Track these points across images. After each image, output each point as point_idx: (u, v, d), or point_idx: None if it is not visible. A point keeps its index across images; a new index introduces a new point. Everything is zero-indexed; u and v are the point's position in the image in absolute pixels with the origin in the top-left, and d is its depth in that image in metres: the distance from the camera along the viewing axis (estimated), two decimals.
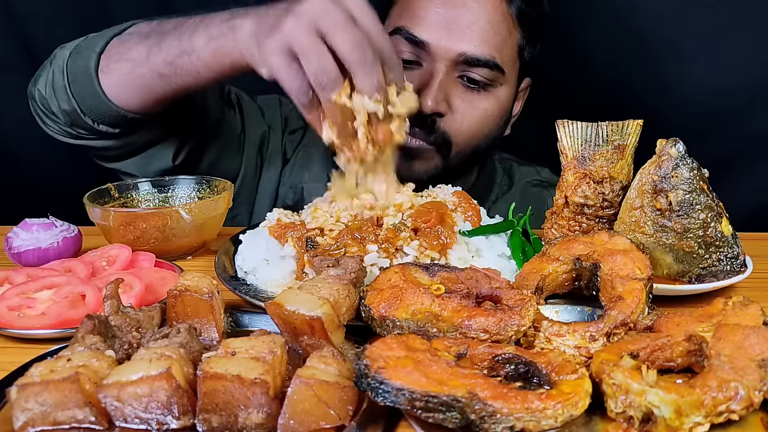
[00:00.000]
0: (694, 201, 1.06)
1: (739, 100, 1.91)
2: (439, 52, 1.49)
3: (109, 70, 1.38)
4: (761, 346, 0.79)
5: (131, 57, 1.35)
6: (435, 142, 1.55)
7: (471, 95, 1.55)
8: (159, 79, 1.34)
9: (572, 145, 1.16)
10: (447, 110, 1.53)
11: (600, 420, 0.77)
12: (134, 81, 1.36)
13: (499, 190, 1.86)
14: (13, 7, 1.98)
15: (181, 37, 1.30)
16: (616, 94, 1.90)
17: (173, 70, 1.31)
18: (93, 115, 1.41)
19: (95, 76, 1.37)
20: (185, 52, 1.29)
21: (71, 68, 1.41)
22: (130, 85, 1.37)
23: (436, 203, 1.18)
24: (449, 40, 1.49)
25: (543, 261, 1.05)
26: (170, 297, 0.95)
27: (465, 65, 1.51)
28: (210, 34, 1.26)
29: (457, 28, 1.49)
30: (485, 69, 1.52)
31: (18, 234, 1.24)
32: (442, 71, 1.50)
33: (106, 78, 1.38)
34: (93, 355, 0.81)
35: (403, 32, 1.51)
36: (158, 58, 1.32)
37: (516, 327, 0.88)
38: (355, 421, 0.76)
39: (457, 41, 1.49)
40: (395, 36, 1.52)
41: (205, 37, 1.26)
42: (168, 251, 1.28)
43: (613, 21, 1.92)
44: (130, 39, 1.39)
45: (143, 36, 1.37)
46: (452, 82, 1.53)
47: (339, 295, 0.90)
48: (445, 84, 1.52)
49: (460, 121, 1.55)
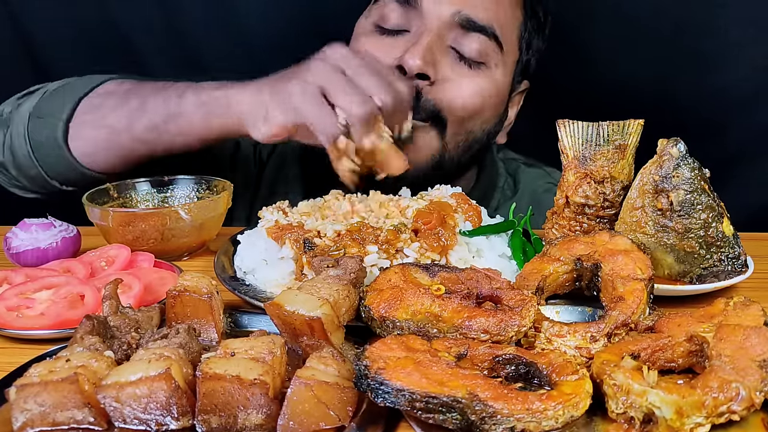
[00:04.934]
0: (695, 201, 1.06)
1: (741, 100, 1.91)
2: (432, 12, 1.37)
3: (82, 137, 1.32)
4: (762, 347, 0.78)
5: (109, 124, 1.30)
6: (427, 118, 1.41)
7: (461, 68, 1.41)
8: (140, 145, 1.29)
9: (573, 144, 1.16)
10: (435, 76, 1.38)
11: (601, 421, 0.77)
12: (112, 147, 1.31)
13: (502, 196, 1.71)
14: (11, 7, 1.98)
15: (167, 101, 1.26)
16: (617, 94, 1.89)
17: (158, 135, 1.27)
18: (61, 179, 1.36)
19: (65, 145, 1.31)
20: (172, 116, 1.25)
21: (34, 135, 1.34)
22: (107, 152, 1.32)
23: (439, 204, 1.18)
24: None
25: (544, 261, 1.05)
26: (169, 297, 0.94)
27: (459, 30, 1.38)
28: (200, 99, 1.23)
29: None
30: (482, 37, 1.39)
31: (17, 234, 1.24)
32: (433, 31, 1.37)
33: (80, 147, 1.32)
34: (92, 356, 0.80)
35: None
36: (141, 123, 1.27)
37: (516, 327, 0.88)
38: (354, 422, 0.76)
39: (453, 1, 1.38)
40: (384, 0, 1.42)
41: (195, 102, 1.24)
42: (167, 251, 1.28)
43: (614, 20, 1.92)
44: (105, 103, 1.32)
45: (120, 99, 1.31)
46: (443, 49, 1.39)
47: (339, 296, 0.90)
48: (435, 47, 1.37)
49: (450, 90, 1.40)
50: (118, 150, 1.32)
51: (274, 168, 1.73)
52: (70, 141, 1.33)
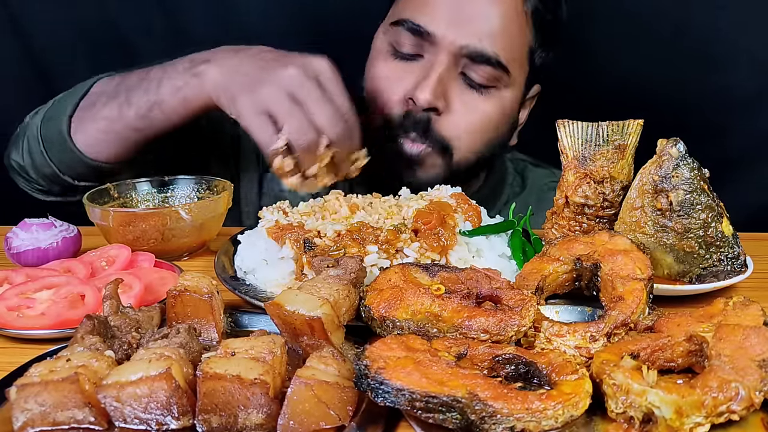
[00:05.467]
0: (694, 201, 1.06)
1: (741, 101, 1.91)
2: (443, 43, 1.43)
3: (84, 130, 1.43)
4: (762, 347, 0.79)
5: (104, 116, 1.41)
6: (433, 146, 1.48)
7: (470, 95, 1.48)
8: (134, 132, 1.40)
9: (573, 144, 1.16)
10: (444, 108, 1.46)
11: (600, 420, 0.77)
12: (111, 137, 1.42)
13: (511, 191, 1.77)
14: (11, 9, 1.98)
15: (148, 92, 1.36)
16: (617, 93, 1.89)
17: (147, 123, 1.38)
18: (73, 174, 1.47)
19: (69, 138, 1.43)
20: (155, 104, 1.35)
21: (45, 134, 1.46)
22: (107, 142, 1.43)
23: (439, 204, 1.18)
24: (455, 31, 1.43)
25: (543, 261, 1.05)
26: (170, 297, 0.94)
27: (467, 60, 1.44)
28: (175, 85, 1.33)
29: (464, 19, 1.43)
30: (488, 67, 1.45)
31: (17, 234, 1.24)
32: (444, 64, 1.44)
33: (83, 138, 1.43)
34: (92, 356, 0.81)
35: (407, 23, 1.46)
36: (130, 113, 1.38)
37: (516, 327, 0.88)
38: (354, 422, 0.76)
39: (462, 33, 1.43)
40: (398, 27, 1.48)
41: (171, 88, 1.34)
42: (167, 251, 1.28)
43: (614, 21, 1.92)
44: (99, 100, 1.44)
45: (110, 95, 1.42)
46: (452, 78, 1.46)
47: (339, 296, 0.90)
48: (445, 78, 1.45)
49: (457, 122, 1.48)
50: (116, 138, 1.42)
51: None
52: (74, 134, 1.43)
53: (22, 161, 1.52)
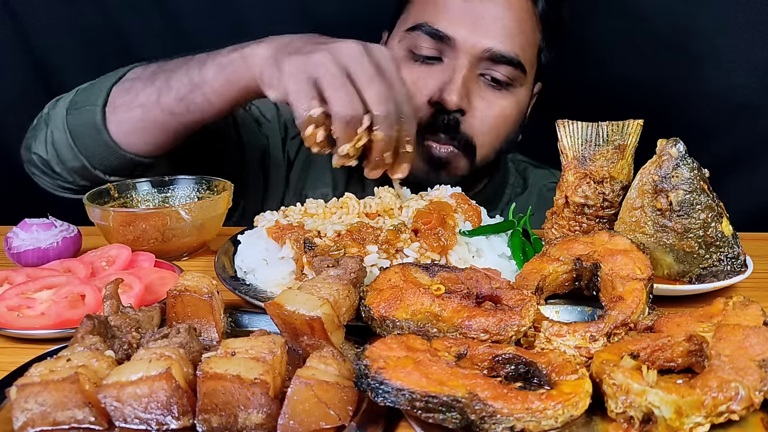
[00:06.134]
0: (694, 201, 1.06)
1: (741, 101, 1.91)
2: (464, 47, 1.46)
3: (119, 120, 1.38)
4: (761, 346, 0.79)
5: (141, 103, 1.36)
6: (459, 146, 1.53)
7: (491, 94, 1.52)
8: (171, 118, 1.35)
9: (572, 145, 1.16)
10: (468, 108, 1.50)
11: (600, 420, 0.77)
12: (147, 125, 1.37)
13: (512, 192, 1.82)
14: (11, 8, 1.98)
15: (190, 72, 1.32)
16: (617, 93, 1.89)
17: (186, 106, 1.33)
18: (103, 167, 1.42)
19: (104, 129, 1.38)
20: (197, 86, 1.31)
21: (72, 125, 1.40)
22: (143, 131, 1.38)
23: (439, 204, 1.18)
24: (475, 35, 1.46)
25: (543, 261, 1.05)
26: (170, 297, 0.95)
27: (489, 62, 1.48)
28: (220, 63, 1.29)
29: (483, 23, 1.47)
30: (509, 67, 1.49)
31: (18, 234, 1.24)
32: (466, 67, 1.47)
33: (118, 128, 1.39)
34: (93, 356, 0.81)
35: (425, 27, 1.49)
36: (169, 97, 1.34)
37: (516, 327, 0.88)
38: (355, 422, 0.76)
39: (482, 36, 1.46)
40: (416, 32, 1.50)
41: (216, 67, 1.29)
42: (168, 251, 1.28)
43: (615, 21, 1.92)
44: (134, 86, 1.39)
45: (148, 80, 1.38)
46: (474, 79, 1.50)
47: (339, 296, 0.90)
48: (468, 80, 1.48)
49: (480, 121, 1.52)
50: (152, 126, 1.37)
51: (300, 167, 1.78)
52: (109, 125, 1.39)
53: (45, 154, 1.45)
